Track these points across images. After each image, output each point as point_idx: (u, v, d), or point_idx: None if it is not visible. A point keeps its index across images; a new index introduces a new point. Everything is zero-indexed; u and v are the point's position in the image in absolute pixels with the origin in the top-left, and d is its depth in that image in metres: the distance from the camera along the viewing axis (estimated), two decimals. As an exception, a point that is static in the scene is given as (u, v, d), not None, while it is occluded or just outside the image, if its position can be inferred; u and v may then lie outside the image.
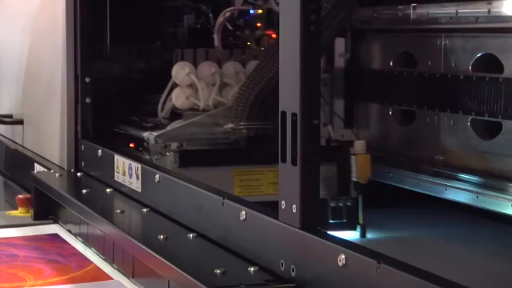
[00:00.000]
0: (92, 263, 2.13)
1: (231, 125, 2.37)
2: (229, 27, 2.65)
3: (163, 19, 3.09)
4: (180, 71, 2.48)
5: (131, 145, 2.62)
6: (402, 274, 1.24)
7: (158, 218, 2.07)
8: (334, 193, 2.26)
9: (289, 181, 1.52)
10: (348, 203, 2.18)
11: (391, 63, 2.28)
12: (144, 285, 1.89)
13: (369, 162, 2.07)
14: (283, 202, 1.53)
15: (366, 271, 1.30)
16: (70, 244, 2.31)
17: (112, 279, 2.00)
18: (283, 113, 1.51)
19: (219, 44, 2.58)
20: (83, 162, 2.70)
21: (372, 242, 2.08)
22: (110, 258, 2.09)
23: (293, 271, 1.50)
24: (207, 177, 2.13)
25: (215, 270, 1.59)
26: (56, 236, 2.41)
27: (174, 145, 2.36)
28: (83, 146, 2.70)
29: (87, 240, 2.27)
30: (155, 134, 2.40)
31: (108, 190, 2.41)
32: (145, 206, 2.16)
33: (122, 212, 2.18)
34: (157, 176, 2.12)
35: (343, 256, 1.35)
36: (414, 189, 2.14)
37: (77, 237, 2.34)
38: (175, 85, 2.52)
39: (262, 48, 2.60)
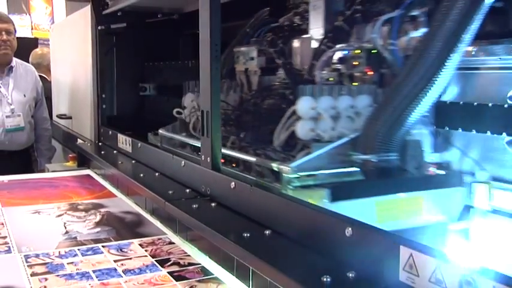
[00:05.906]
0: (106, 188, 2.02)
1: (363, 156, 1.21)
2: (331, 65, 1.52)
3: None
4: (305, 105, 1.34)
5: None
6: (264, 192, 1.19)
7: (140, 165, 1.95)
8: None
9: (205, 145, 1.43)
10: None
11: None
12: (133, 200, 1.79)
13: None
14: (202, 156, 1.44)
15: (244, 190, 1.25)
16: (95, 179, 2.19)
17: (117, 196, 1.90)
18: (202, 111, 1.42)
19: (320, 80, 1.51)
20: (102, 137, 2.55)
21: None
22: (116, 186, 1.99)
23: (208, 191, 1.44)
24: (352, 208, 1.13)
25: (169, 191, 1.51)
26: (88, 176, 2.28)
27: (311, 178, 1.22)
28: (101, 129, 2.55)
29: (105, 177, 2.15)
30: (291, 165, 1.22)
31: (114, 152, 2.26)
32: (134, 159, 2.04)
33: (122, 163, 2.06)
34: (139, 144, 2.02)
35: (233, 183, 1.30)
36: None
37: (99, 176, 2.22)
38: (297, 118, 1.35)
39: (356, 84, 1.41)
